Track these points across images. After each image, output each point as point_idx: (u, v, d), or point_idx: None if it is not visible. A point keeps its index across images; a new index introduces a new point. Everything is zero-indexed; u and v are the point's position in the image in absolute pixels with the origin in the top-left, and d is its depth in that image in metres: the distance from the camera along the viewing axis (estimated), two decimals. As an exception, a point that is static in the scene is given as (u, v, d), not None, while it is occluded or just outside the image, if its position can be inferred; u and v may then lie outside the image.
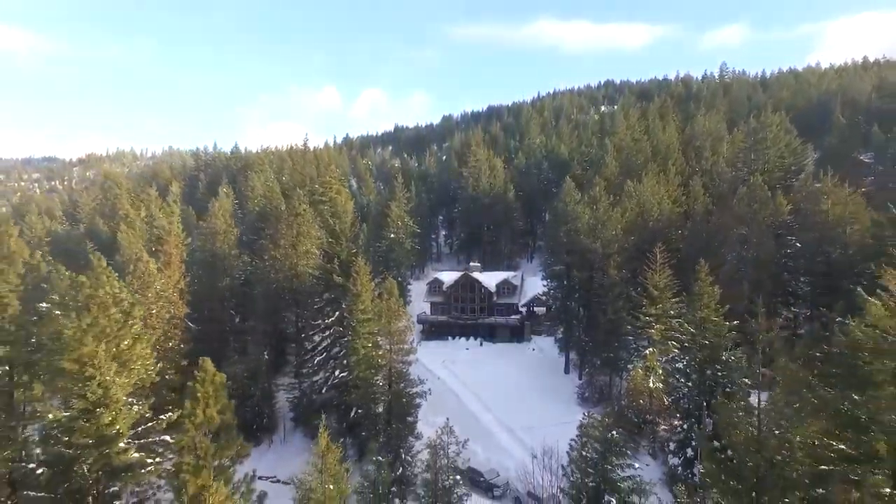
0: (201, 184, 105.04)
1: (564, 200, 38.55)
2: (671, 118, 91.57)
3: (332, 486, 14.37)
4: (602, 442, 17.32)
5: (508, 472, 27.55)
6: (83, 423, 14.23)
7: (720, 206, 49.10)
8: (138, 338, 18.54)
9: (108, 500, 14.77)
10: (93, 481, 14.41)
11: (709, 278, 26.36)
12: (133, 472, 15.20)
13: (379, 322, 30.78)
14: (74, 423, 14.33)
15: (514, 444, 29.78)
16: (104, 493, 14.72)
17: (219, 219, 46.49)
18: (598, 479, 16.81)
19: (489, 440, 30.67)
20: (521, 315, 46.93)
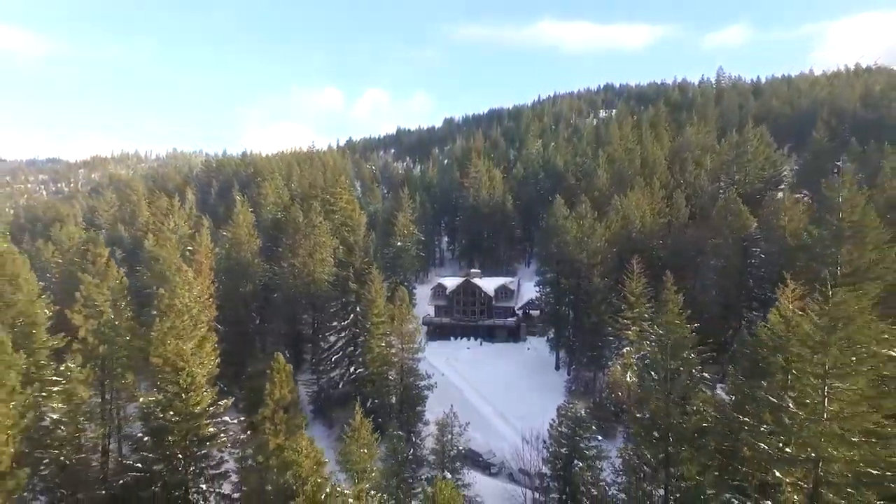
0: (213, 190, 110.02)
1: (555, 215, 43.26)
2: (663, 128, 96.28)
3: (366, 450, 18.95)
4: (574, 420, 21.91)
5: (503, 454, 32.26)
6: (177, 403, 18.86)
7: (701, 218, 53.81)
8: (204, 338, 23.27)
9: (197, 460, 19.42)
10: (184, 447, 19.03)
11: (674, 287, 30.95)
12: (213, 440, 19.86)
13: (391, 324, 35.49)
14: (170, 403, 18.97)
15: (508, 430, 34.45)
16: (193, 456, 19.36)
17: (242, 229, 51.23)
18: (570, 448, 21.40)
19: (487, 427, 35.39)
20: (518, 317, 51.67)
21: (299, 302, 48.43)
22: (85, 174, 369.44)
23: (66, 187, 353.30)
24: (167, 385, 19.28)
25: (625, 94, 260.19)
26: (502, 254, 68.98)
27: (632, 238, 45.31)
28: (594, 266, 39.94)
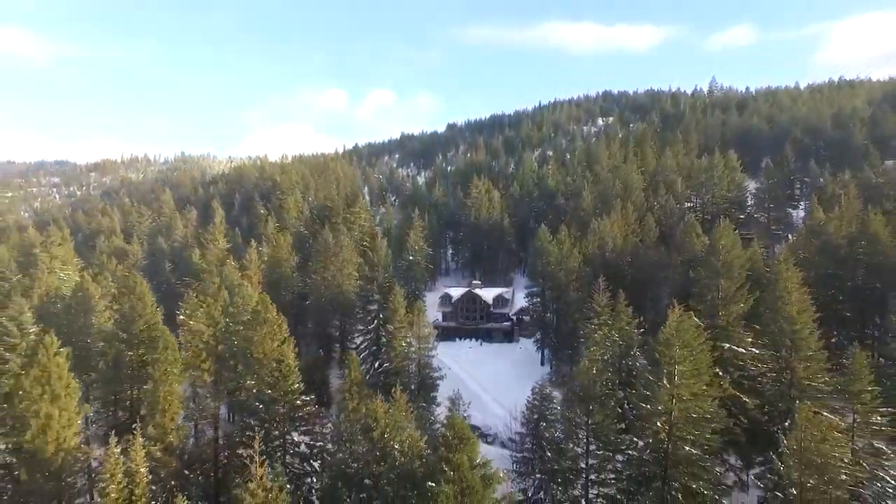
0: (236, 203, 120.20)
1: (540, 240, 53.64)
2: (649, 147, 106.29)
3: (404, 413, 29.11)
4: (542, 396, 32.06)
5: (497, 427, 42.63)
6: (280, 383, 29.20)
7: (668, 238, 64.04)
8: (284, 340, 33.73)
9: (293, 421, 29.77)
10: (283, 413, 29.36)
11: (626, 300, 41.20)
12: (304, 408, 30.24)
13: (409, 329, 45.78)
14: (275, 384, 29.30)
15: (501, 411, 44.76)
16: (292, 418, 29.70)
17: (282, 250, 61.73)
18: (538, 413, 31.54)
19: (485, 409, 45.76)
20: (512, 322, 62.09)
21: (328, 309, 58.97)
22: (96, 178, 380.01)
23: (78, 191, 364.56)
24: (272, 371, 29.63)
25: (622, 102, 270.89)
26: (500, 264, 79.39)
27: (605, 257, 55.61)
28: (570, 282, 50.29)
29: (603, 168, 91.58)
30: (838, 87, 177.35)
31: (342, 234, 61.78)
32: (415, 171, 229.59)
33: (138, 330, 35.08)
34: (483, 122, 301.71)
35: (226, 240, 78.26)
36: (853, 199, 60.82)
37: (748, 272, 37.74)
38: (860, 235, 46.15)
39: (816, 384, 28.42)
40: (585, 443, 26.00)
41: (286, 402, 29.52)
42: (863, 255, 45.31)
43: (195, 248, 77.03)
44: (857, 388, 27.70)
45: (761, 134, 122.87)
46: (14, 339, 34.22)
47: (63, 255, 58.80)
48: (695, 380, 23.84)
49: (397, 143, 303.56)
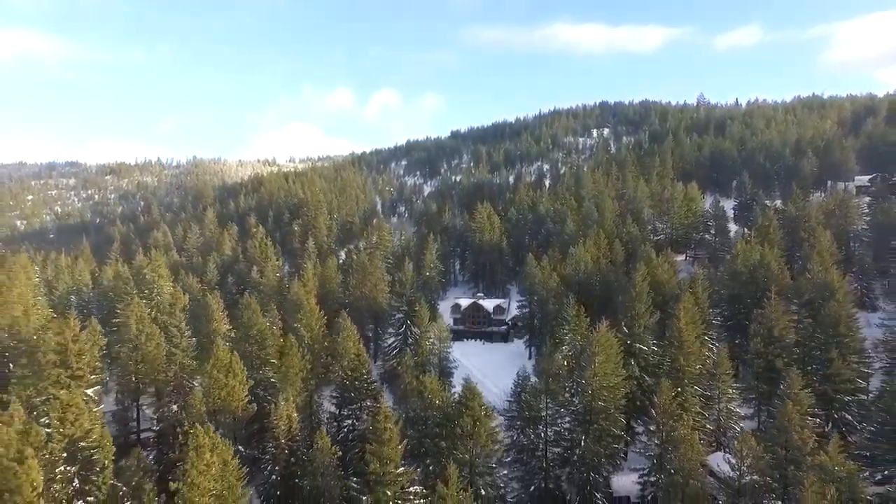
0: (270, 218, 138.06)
1: (528, 265, 71.95)
2: (629, 171, 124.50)
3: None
4: (523, 378, 50.21)
5: (494, 402, 60.77)
6: (361, 372, 47.59)
7: (631, 262, 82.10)
8: (356, 342, 52.23)
9: (371, 398, 48.22)
10: (360, 393, 47.75)
11: (583, 313, 59.28)
12: (375, 389, 48.71)
13: (430, 332, 64.11)
14: (356, 373, 47.69)
15: (497, 390, 63.01)
16: (372, 397, 48.18)
17: (330, 269, 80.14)
18: (520, 388, 49.64)
19: (486, 389, 63.85)
20: (508, 326, 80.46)
21: (365, 316, 77.38)
22: (112, 181, 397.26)
23: (97, 195, 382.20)
24: (352, 366, 47.92)
25: (618, 112, 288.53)
26: (498, 278, 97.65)
27: (578, 278, 73.77)
28: (550, 298, 68.57)
29: (588, 193, 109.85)
30: (811, 105, 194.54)
31: (375, 257, 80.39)
32: (421, 181, 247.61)
33: (254, 332, 53.58)
34: (485, 129, 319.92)
35: (273, 254, 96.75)
36: (774, 228, 79.30)
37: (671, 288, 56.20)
38: (759, 264, 64.38)
39: (692, 369, 46.63)
40: (545, 403, 44.09)
41: (363, 381, 48.02)
42: (762, 279, 63.49)
43: (249, 263, 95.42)
44: (720, 371, 46.25)
45: (732, 157, 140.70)
46: (184, 339, 52.87)
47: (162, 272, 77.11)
48: (607, 365, 42.11)
49: (403, 150, 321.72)
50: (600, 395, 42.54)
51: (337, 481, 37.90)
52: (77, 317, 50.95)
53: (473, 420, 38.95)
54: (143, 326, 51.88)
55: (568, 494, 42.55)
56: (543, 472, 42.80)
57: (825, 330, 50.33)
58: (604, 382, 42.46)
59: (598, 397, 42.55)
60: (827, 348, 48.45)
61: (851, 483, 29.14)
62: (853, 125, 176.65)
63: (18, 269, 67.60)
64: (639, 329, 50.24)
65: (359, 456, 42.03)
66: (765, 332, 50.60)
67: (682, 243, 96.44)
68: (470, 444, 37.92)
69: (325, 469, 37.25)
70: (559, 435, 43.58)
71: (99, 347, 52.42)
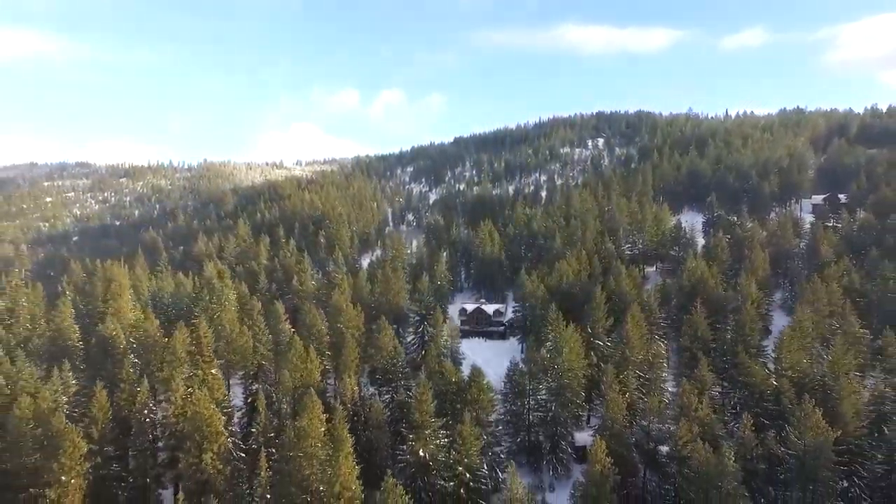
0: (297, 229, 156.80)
1: (521, 278, 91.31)
2: (613, 190, 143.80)
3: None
4: (514, 365, 69.27)
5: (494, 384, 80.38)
6: (396, 363, 66.91)
7: (607, 274, 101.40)
8: (393, 337, 71.87)
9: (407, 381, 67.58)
10: (396, 378, 67.01)
11: (563, 317, 78.48)
12: (408, 374, 68.05)
13: (444, 331, 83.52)
14: (392, 358, 66.96)
15: (496, 376, 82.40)
16: (400, 380, 67.46)
17: (361, 279, 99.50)
18: (512, 371, 68.71)
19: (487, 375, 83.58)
20: (504, 327, 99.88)
21: (388, 317, 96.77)
22: (126, 183, 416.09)
23: (112, 197, 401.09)
24: (390, 356, 67.21)
25: (613, 121, 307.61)
26: (497, 285, 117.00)
27: (561, 288, 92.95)
28: (538, 305, 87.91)
29: (575, 212, 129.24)
30: (788, 123, 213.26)
31: (396, 268, 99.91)
32: (426, 188, 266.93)
33: (314, 331, 73.03)
34: (487, 136, 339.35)
35: (309, 265, 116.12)
36: (722, 248, 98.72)
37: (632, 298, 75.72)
38: (699, 279, 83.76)
39: (635, 358, 65.94)
40: (528, 381, 63.33)
41: (398, 367, 67.54)
42: (700, 291, 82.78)
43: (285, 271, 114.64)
44: (655, 360, 65.76)
45: (707, 176, 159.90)
46: (264, 336, 72.42)
47: (227, 282, 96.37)
48: (571, 355, 61.48)
49: (408, 156, 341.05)
50: (566, 375, 62.04)
51: (386, 432, 57.44)
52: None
53: (478, 391, 58.46)
54: (234, 326, 71.55)
55: (543, 445, 62.10)
56: (526, 430, 62.42)
57: (737, 331, 69.82)
58: (569, 367, 61.95)
59: (565, 377, 62.05)
60: (735, 344, 67.88)
61: (709, 424, 48.67)
62: (826, 142, 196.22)
63: (122, 277, 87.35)
64: (598, 329, 69.80)
65: (399, 417, 61.56)
66: (691, 332, 70.15)
67: (653, 257, 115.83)
68: (476, 407, 57.36)
69: (379, 423, 56.82)
70: (538, 403, 63.15)
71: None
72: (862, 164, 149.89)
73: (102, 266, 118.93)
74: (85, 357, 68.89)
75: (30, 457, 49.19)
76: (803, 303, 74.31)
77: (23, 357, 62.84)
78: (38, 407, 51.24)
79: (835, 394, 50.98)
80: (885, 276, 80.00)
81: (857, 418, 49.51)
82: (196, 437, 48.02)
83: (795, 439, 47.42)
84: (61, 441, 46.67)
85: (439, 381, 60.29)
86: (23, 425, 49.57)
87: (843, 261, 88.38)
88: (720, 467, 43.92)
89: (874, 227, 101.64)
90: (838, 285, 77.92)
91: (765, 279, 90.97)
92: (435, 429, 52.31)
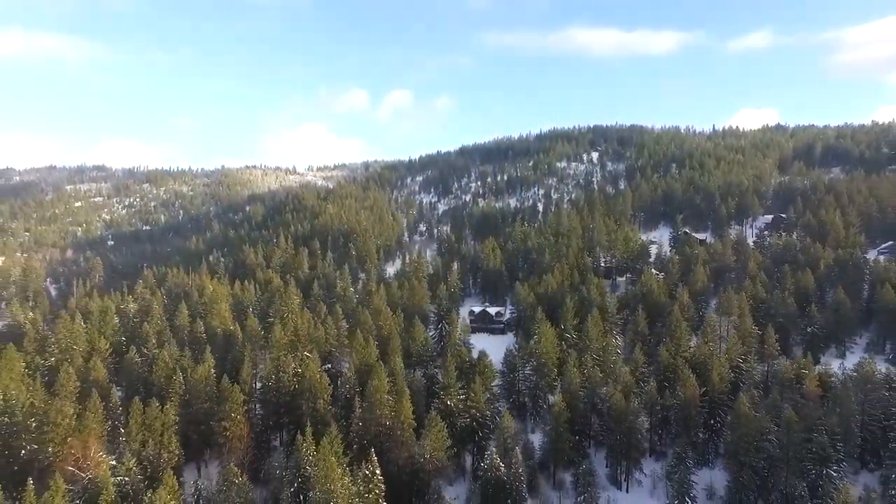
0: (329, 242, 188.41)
1: (516, 290, 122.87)
2: (597, 210, 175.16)
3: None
4: (509, 352, 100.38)
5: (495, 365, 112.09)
6: (425, 347, 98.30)
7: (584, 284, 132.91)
8: (424, 330, 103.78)
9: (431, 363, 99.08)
10: (427, 361, 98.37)
11: (545, 316, 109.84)
12: (434, 358, 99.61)
13: (458, 328, 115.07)
14: (426, 346, 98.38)
15: (496, 360, 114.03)
16: (430, 363, 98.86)
17: (393, 289, 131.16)
18: (509, 355, 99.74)
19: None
20: (504, 325, 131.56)
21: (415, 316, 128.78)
22: (149, 189, 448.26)
23: (137, 202, 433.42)
24: (424, 341, 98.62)
25: (609, 134, 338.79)
26: (499, 292, 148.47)
27: (547, 295, 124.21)
28: (528, 308, 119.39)
29: (563, 230, 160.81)
30: (759, 146, 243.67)
31: (419, 278, 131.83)
32: (435, 198, 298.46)
33: (367, 327, 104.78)
34: (491, 147, 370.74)
35: (348, 275, 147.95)
36: (674, 263, 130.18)
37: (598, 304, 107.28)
38: (649, 289, 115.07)
39: (592, 346, 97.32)
40: (518, 362, 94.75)
41: (429, 353, 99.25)
42: (649, 300, 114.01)
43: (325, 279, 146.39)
44: (611, 347, 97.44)
45: (679, 197, 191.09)
46: (336, 328, 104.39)
47: (291, 290, 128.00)
48: (547, 343, 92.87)
49: (417, 165, 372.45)
50: (544, 357, 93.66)
51: (423, 394, 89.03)
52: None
53: (484, 367, 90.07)
54: (309, 322, 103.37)
55: (528, 403, 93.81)
56: (517, 394, 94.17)
57: (665, 327, 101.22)
58: (545, 352, 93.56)
59: (543, 358, 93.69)
60: (660, 337, 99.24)
61: (629, 385, 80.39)
62: (794, 162, 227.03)
63: (216, 286, 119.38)
64: (567, 326, 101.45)
65: (429, 385, 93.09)
66: (634, 328, 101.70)
67: (624, 269, 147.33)
68: (483, 377, 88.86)
69: (419, 387, 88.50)
70: (524, 376, 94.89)
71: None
72: (807, 186, 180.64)
73: (188, 274, 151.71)
74: (211, 345, 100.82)
75: (204, 403, 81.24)
76: (718, 308, 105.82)
77: (174, 342, 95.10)
78: (204, 372, 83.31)
79: (708, 367, 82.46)
80: (784, 288, 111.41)
81: (721, 383, 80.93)
82: (311, 390, 79.94)
83: (680, 394, 79.05)
84: (229, 393, 78.62)
85: (458, 360, 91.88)
86: (199, 385, 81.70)
87: (760, 275, 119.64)
88: (629, 410, 75.64)
89: (793, 246, 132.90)
90: (747, 295, 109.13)
91: (703, 289, 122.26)
92: (457, 388, 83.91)
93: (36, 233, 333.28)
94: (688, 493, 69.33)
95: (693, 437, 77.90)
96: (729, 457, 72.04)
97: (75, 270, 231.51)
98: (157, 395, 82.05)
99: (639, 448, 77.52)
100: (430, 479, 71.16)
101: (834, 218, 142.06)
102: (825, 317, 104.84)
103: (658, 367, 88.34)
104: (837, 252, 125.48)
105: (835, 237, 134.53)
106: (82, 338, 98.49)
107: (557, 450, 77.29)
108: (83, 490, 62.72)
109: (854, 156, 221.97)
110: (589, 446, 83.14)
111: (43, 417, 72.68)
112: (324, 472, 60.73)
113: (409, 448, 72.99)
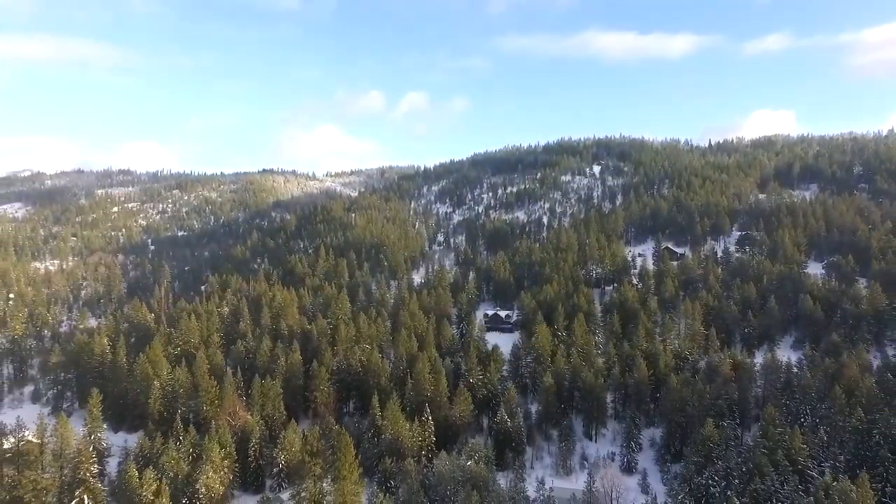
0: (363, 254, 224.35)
1: (521, 299, 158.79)
2: (591, 228, 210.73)
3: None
4: (515, 346, 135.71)
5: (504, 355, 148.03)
6: (453, 343, 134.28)
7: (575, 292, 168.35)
8: (452, 330, 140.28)
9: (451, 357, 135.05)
10: (455, 353, 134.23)
11: (543, 319, 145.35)
12: (459, 348, 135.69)
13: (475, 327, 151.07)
14: (453, 342, 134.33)
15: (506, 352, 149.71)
16: (457, 354, 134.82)
17: (423, 296, 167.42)
18: (515, 349, 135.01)
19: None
20: (512, 325, 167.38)
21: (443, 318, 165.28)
22: (179, 196, 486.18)
23: (169, 208, 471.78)
24: (451, 340, 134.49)
25: (612, 147, 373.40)
26: (509, 298, 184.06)
27: (546, 302, 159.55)
28: (531, 312, 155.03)
29: (563, 245, 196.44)
30: (741, 165, 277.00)
31: (443, 286, 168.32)
32: (450, 209, 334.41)
33: (408, 326, 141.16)
34: (501, 158, 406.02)
35: (385, 283, 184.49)
36: (650, 275, 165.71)
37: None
38: (626, 298, 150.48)
39: (578, 342, 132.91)
40: (522, 353, 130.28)
41: (456, 347, 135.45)
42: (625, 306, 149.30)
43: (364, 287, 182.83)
44: (594, 342, 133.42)
45: (664, 215, 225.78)
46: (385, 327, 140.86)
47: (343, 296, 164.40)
48: (543, 339, 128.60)
49: (432, 175, 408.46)
50: (540, 350, 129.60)
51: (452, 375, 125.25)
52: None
53: (496, 356, 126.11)
54: (364, 323, 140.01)
55: (528, 384, 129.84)
56: (520, 376, 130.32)
57: (636, 329, 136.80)
58: (541, 346, 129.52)
59: (539, 351, 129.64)
60: (630, 336, 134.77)
61: (599, 369, 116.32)
62: (773, 181, 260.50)
63: (285, 295, 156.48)
64: (559, 327, 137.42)
65: (455, 369, 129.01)
66: (610, 330, 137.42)
67: (611, 279, 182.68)
68: (496, 363, 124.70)
69: (449, 370, 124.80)
70: (526, 364, 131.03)
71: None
72: (774, 206, 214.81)
73: (247, 281, 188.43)
74: (291, 340, 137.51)
75: (298, 380, 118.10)
76: (676, 312, 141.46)
77: (268, 337, 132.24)
78: (295, 359, 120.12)
79: (657, 358, 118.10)
80: (732, 297, 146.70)
81: (665, 369, 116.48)
82: (375, 371, 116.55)
83: (635, 376, 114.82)
84: (317, 373, 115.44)
85: (477, 351, 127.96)
86: (294, 367, 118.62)
87: (715, 286, 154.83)
88: (600, 387, 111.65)
89: (747, 261, 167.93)
90: (701, 303, 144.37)
91: (672, 298, 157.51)
92: (477, 371, 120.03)
93: (82, 238, 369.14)
94: (636, 441, 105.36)
95: (643, 406, 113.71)
96: (664, 417, 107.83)
97: (136, 275, 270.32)
98: (262, 374, 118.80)
99: (605, 413, 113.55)
100: (459, 432, 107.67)
101: (784, 237, 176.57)
102: (759, 321, 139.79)
103: (622, 357, 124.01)
104: (781, 267, 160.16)
105: (783, 254, 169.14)
106: (196, 333, 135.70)
107: (548, 413, 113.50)
108: (235, 433, 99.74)
109: (827, 176, 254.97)
110: (571, 412, 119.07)
111: (193, 388, 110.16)
112: (392, 422, 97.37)
113: (445, 410, 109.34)
